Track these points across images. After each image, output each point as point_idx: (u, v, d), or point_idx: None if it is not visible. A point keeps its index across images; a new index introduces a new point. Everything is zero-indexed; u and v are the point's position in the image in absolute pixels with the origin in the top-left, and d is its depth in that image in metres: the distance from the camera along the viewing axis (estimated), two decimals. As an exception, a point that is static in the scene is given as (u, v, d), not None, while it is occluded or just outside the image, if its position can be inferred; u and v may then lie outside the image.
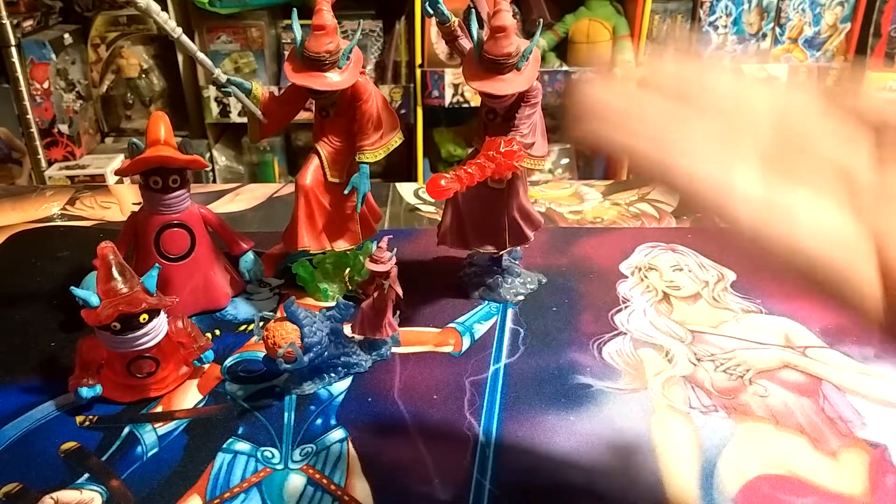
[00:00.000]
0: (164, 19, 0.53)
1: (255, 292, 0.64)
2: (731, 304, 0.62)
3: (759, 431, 0.48)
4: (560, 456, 0.46)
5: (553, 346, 0.56)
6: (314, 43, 0.54)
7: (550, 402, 0.50)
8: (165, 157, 0.54)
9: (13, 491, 0.44)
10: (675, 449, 0.46)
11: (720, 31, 1.86)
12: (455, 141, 1.94)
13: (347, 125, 0.60)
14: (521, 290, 0.63)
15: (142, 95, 1.86)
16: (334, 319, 0.51)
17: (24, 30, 1.67)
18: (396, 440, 0.47)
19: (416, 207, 0.82)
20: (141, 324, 0.47)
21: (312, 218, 0.61)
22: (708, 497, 0.43)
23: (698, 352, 0.56)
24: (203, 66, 0.57)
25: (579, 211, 0.81)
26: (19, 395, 0.52)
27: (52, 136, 1.73)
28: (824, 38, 1.87)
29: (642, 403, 0.50)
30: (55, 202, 0.83)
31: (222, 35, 1.81)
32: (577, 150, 1.99)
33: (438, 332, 0.58)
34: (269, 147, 1.95)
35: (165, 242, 0.57)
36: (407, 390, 0.52)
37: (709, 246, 0.71)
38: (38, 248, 0.72)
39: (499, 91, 0.53)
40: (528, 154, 0.55)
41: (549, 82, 1.84)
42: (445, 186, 0.50)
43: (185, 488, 0.44)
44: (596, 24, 1.83)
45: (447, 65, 1.83)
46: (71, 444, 0.47)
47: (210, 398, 0.51)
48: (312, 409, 0.50)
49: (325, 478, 0.44)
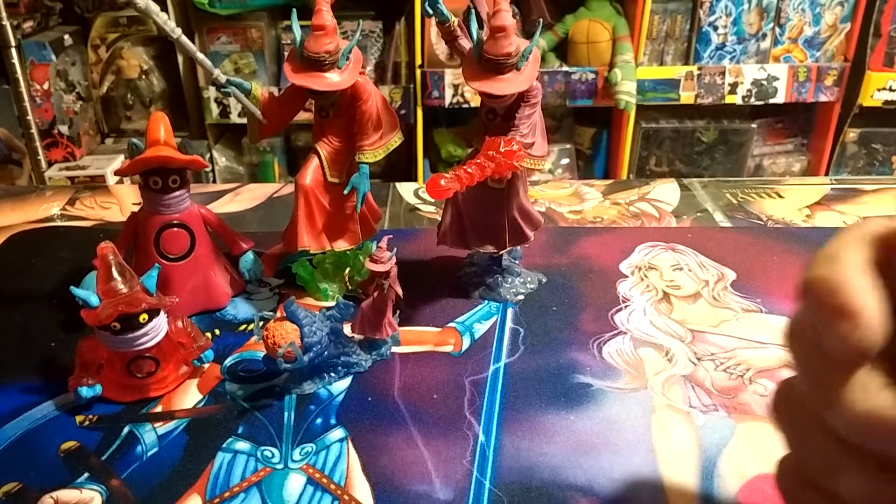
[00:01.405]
0: (164, 20, 0.53)
1: (255, 292, 0.64)
2: (731, 304, 0.62)
3: (759, 431, 0.48)
4: (560, 456, 0.46)
5: (553, 345, 0.56)
6: (314, 43, 0.55)
7: (550, 401, 0.50)
8: (165, 157, 0.54)
9: (13, 490, 0.44)
10: (675, 448, 0.46)
11: (720, 31, 1.86)
12: (455, 141, 1.94)
13: (347, 125, 0.60)
14: (521, 289, 0.63)
15: (142, 96, 1.86)
16: (334, 319, 0.51)
17: (25, 31, 1.67)
18: (396, 440, 0.47)
19: (416, 207, 0.82)
20: (141, 324, 0.47)
21: (312, 218, 0.61)
22: (708, 497, 0.43)
23: (698, 351, 0.56)
24: (203, 66, 0.57)
25: (579, 211, 0.81)
26: (19, 394, 0.52)
27: (53, 137, 1.73)
28: (824, 38, 1.87)
29: (642, 403, 0.50)
30: (55, 202, 0.83)
31: (222, 36, 1.81)
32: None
33: (438, 332, 0.58)
34: (269, 147, 1.95)
35: (165, 242, 0.57)
36: (407, 390, 0.52)
37: (709, 245, 0.71)
38: (38, 249, 0.72)
39: (499, 91, 0.53)
40: (528, 154, 0.55)
41: (549, 82, 1.84)
42: (445, 186, 0.50)
43: (185, 488, 0.44)
44: (596, 24, 1.83)
45: (447, 65, 1.83)
46: (71, 444, 0.47)
47: (210, 398, 0.51)
48: (312, 408, 0.50)
49: (325, 477, 0.44)
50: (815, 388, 0.29)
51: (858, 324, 0.26)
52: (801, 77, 1.87)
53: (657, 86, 1.87)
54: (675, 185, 0.87)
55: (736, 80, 1.87)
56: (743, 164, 2.03)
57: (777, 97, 1.89)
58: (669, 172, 2.01)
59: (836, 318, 0.26)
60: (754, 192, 0.85)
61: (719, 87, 1.88)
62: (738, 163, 2.03)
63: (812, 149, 2.07)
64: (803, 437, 0.30)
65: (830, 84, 1.88)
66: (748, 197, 0.83)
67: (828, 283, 0.27)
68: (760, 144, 2.07)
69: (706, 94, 1.88)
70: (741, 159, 2.02)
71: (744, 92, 1.88)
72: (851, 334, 0.26)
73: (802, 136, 2.08)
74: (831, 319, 0.26)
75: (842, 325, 0.26)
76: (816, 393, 0.29)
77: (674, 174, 2.01)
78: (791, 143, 2.09)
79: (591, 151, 2.09)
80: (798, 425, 0.31)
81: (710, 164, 2.02)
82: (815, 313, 0.27)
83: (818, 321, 0.27)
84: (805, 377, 0.30)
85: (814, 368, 0.29)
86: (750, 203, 0.82)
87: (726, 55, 1.88)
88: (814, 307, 0.27)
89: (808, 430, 0.30)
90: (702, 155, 2.02)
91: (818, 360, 0.28)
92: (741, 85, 1.87)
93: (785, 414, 0.32)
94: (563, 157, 2.03)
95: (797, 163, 2.07)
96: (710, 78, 1.87)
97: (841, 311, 0.26)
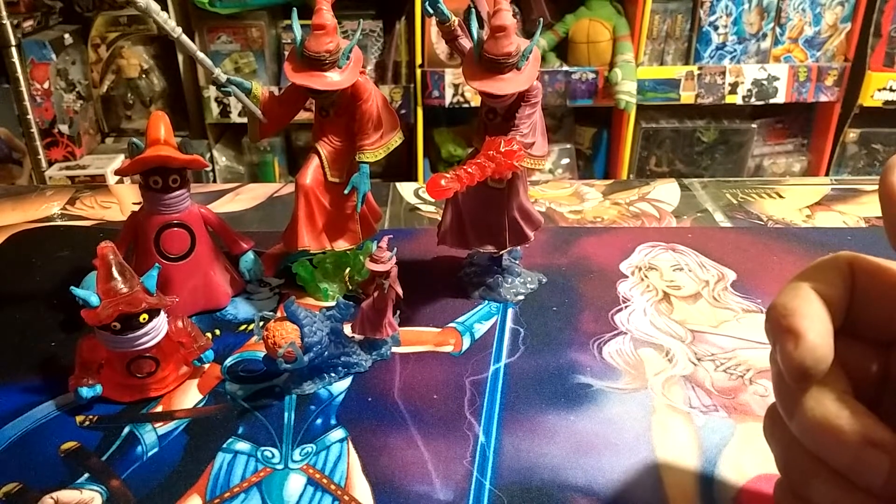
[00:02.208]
0: (164, 19, 0.53)
1: (255, 292, 0.64)
2: (731, 304, 0.62)
3: (759, 431, 0.47)
4: (560, 456, 0.46)
5: (553, 345, 0.56)
6: (314, 43, 0.55)
7: (550, 401, 0.50)
8: (165, 157, 0.54)
9: (13, 491, 0.44)
10: (675, 449, 0.46)
11: (720, 31, 1.86)
12: (455, 141, 1.94)
13: (347, 125, 0.60)
14: (521, 289, 0.63)
15: (142, 95, 1.86)
16: (334, 319, 0.51)
17: (25, 30, 1.67)
18: (396, 440, 0.47)
19: (416, 207, 0.82)
20: (141, 324, 0.47)
21: (312, 218, 0.61)
22: (708, 497, 0.43)
23: (698, 351, 0.56)
24: (203, 65, 0.57)
25: (579, 211, 0.81)
26: (19, 394, 0.52)
27: (53, 137, 1.73)
28: (824, 38, 1.87)
29: (642, 403, 0.50)
30: (55, 202, 0.83)
31: (222, 35, 1.81)
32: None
33: (438, 332, 0.58)
34: (269, 147, 1.95)
35: (165, 242, 0.57)
36: (407, 390, 0.52)
37: (709, 245, 0.71)
38: (38, 248, 0.72)
39: (499, 91, 0.53)
40: (528, 154, 0.55)
41: (550, 82, 1.84)
42: (445, 186, 0.50)
43: (185, 488, 0.44)
44: (596, 24, 1.83)
45: (447, 65, 1.83)
46: (71, 444, 0.47)
47: (210, 398, 0.51)
48: (312, 408, 0.50)
49: (325, 477, 0.44)
50: (780, 400, 0.32)
51: (800, 344, 0.29)
52: (801, 77, 1.87)
53: (657, 86, 1.87)
54: (675, 185, 0.87)
55: (736, 80, 1.87)
56: (743, 164, 2.03)
57: (777, 97, 1.89)
58: (669, 172, 2.01)
59: (784, 339, 0.30)
60: (754, 192, 0.85)
61: (719, 87, 1.88)
62: (739, 163, 2.03)
63: (812, 149, 2.07)
64: (784, 449, 0.33)
65: (831, 84, 1.88)
66: (748, 197, 0.83)
67: (783, 308, 0.30)
68: (760, 144, 2.07)
69: (706, 94, 1.88)
70: (741, 159, 2.02)
71: (744, 92, 1.88)
72: (793, 353, 0.29)
73: (802, 136, 2.08)
74: (780, 339, 0.30)
75: (787, 345, 0.29)
76: (783, 405, 0.32)
77: (674, 174, 2.01)
78: (791, 143, 2.09)
79: (592, 151, 2.09)
80: (780, 440, 0.34)
81: (710, 164, 2.02)
82: (771, 334, 0.31)
83: (774, 341, 0.31)
84: (775, 392, 0.33)
85: (779, 383, 0.32)
86: (750, 203, 0.82)
87: (726, 55, 1.88)
88: (770, 329, 0.31)
89: (785, 441, 0.33)
90: (702, 155, 2.02)
91: (780, 376, 0.31)
92: (741, 85, 1.87)
93: (770, 431, 0.35)
94: (563, 157, 2.03)
95: (797, 163, 2.07)
96: (711, 78, 1.87)
97: (787, 332, 0.30)
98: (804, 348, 0.29)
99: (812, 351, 0.29)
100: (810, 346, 0.29)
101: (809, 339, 0.29)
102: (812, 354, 0.29)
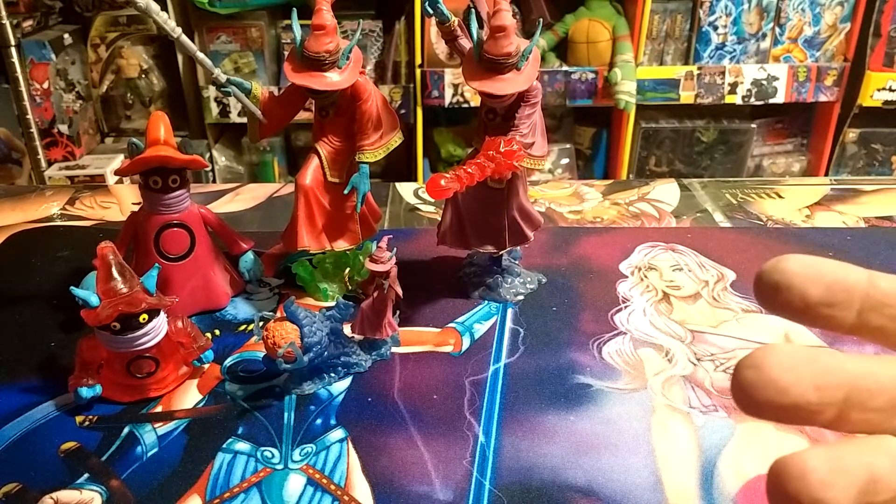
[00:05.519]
0: (164, 19, 0.53)
1: (254, 292, 0.64)
2: (731, 304, 0.62)
3: (759, 431, 0.48)
4: (560, 456, 0.46)
5: (553, 345, 0.56)
6: (314, 43, 0.55)
7: (550, 401, 0.50)
8: (165, 157, 0.54)
9: (13, 491, 0.44)
10: (675, 449, 0.46)
11: (720, 31, 1.86)
12: (455, 141, 1.94)
13: (347, 125, 0.60)
14: (521, 289, 0.63)
15: (142, 95, 1.86)
16: (334, 319, 0.51)
17: (24, 30, 1.67)
18: (396, 440, 0.47)
19: (416, 207, 0.82)
20: (141, 324, 0.47)
21: (312, 218, 0.61)
22: (708, 497, 0.43)
23: (698, 351, 0.56)
24: (203, 66, 0.57)
25: (579, 211, 0.81)
26: (19, 395, 0.52)
27: (52, 137, 1.72)
28: (824, 38, 1.87)
29: (642, 403, 0.50)
30: (55, 202, 0.83)
31: (222, 35, 1.81)
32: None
33: (438, 332, 0.58)
34: (269, 147, 1.95)
35: (165, 242, 0.57)
36: (407, 390, 0.52)
37: (709, 245, 0.71)
38: (38, 248, 0.72)
39: (499, 91, 0.53)
40: (528, 154, 0.55)
41: (549, 82, 1.84)
42: (445, 186, 0.50)
43: (185, 488, 0.44)
44: (596, 24, 1.83)
45: (447, 65, 1.83)
46: (71, 444, 0.47)
47: (210, 398, 0.51)
48: (312, 409, 0.50)
49: (324, 478, 0.44)
50: None
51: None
52: (800, 77, 1.87)
53: (657, 86, 1.87)
54: (674, 185, 0.87)
55: (736, 80, 1.87)
56: (743, 164, 2.03)
57: (777, 97, 1.89)
58: (669, 172, 2.01)
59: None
60: (754, 192, 0.85)
61: (719, 87, 1.88)
62: (738, 163, 2.03)
63: (812, 149, 2.07)
64: None
65: (830, 84, 1.88)
66: (748, 197, 0.83)
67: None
68: (760, 144, 2.07)
69: (706, 93, 1.88)
70: (741, 159, 2.02)
71: (744, 92, 1.88)
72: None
73: (802, 136, 2.08)
74: None
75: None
76: None
77: (673, 174, 2.01)
78: (791, 143, 2.09)
79: (591, 151, 2.09)
80: None
81: (709, 164, 2.02)
82: None
83: None
84: None
85: None
86: (750, 203, 0.82)
87: (726, 55, 1.87)
88: None
89: None
90: (702, 155, 2.02)
91: None
92: (741, 85, 1.87)
93: None
94: (562, 157, 2.03)
95: (797, 163, 2.07)
96: (710, 78, 1.86)
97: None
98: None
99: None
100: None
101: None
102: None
